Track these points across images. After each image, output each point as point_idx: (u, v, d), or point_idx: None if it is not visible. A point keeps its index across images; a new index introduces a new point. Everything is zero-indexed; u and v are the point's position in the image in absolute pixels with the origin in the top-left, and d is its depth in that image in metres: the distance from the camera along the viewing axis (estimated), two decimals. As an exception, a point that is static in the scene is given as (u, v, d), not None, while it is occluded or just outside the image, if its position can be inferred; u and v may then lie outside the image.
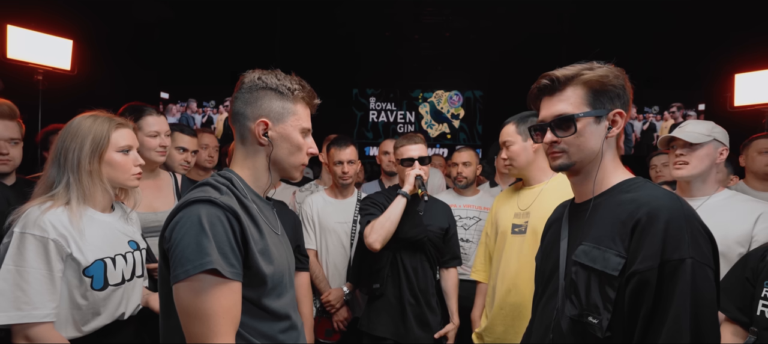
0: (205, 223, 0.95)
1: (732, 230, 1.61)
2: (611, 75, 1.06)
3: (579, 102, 1.06)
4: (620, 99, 1.06)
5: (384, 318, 2.09)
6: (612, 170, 1.08)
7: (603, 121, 1.06)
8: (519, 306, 1.79)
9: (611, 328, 0.95)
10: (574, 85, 1.07)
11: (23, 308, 1.20)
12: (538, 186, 1.88)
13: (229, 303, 0.96)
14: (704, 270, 0.90)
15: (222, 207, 0.97)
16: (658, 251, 0.90)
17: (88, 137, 1.33)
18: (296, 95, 1.13)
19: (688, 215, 0.93)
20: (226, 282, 0.95)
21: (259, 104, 1.10)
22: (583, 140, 1.05)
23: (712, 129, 1.71)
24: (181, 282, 0.94)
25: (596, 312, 0.96)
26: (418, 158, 2.10)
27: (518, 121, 1.91)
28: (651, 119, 6.53)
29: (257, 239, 1.04)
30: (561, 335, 1.06)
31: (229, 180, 1.08)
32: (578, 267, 1.02)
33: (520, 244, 1.84)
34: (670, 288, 0.89)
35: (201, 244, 0.93)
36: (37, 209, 1.26)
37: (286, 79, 1.13)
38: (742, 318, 1.39)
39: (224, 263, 0.94)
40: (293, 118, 1.12)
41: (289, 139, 1.12)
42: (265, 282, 1.04)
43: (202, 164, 2.53)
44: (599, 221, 1.02)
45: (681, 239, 0.90)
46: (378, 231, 1.97)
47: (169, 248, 0.98)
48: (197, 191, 1.02)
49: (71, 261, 1.27)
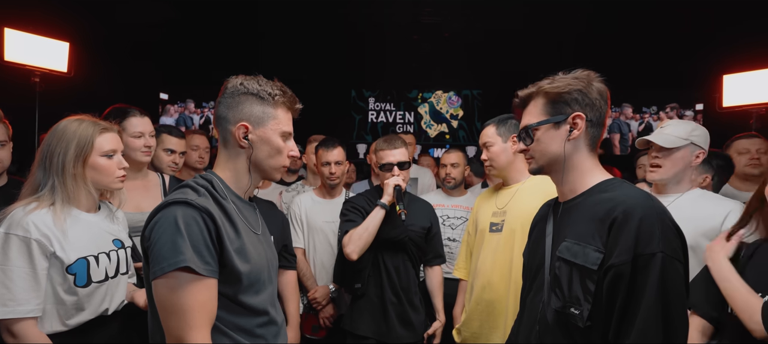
0: (180, 223, 1.00)
1: (701, 225, 1.66)
2: (571, 81, 1.13)
3: (538, 113, 1.17)
4: (580, 102, 1.12)
5: (366, 317, 2.12)
6: (588, 170, 1.14)
7: (563, 125, 1.13)
8: (493, 302, 1.84)
9: (591, 318, 1.02)
10: (536, 98, 1.18)
11: (8, 304, 1.26)
12: (515, 186, 1.93)
13: (204, 299, 1.01)
14: (674, 263, 0.97)
15: (197, 208, 1.02)
16: (631, 246, 0.97)
17: (72, 142, 1.39)
18: (277, 99, 1.17)
19: (660, 212, 1.00)
20: (201, 279, 1.00)
21: (240, 108, 1.15)
22: (543, 145, 1.16)
23: (690, 132, 1.73)
24: (158, 278, 1.00)
25: (577, 304, 1.03)
26: (397, 164, 2.09)
27: (498, 123, 1.95)
28: (647, 119, 6.54)
29: (233, 239, 1.08)
30: (547, 326, 1.12)
31: (210, 182, 1.13)
32: (561, 262, 1.09)
33: (496, 242, 1.88)
34: (643, 280, 0.96)
35: (176, 243, 0.99)
36: (21, 211, 1.32)
37: (268, 84, 1.18)
38: (712, 313, 1.42)
39: (198, 261, 0.99)
40: (273, 122, 1.16)
41: (268, 142, 1.16)
42: (240, 280, 1.09)
43: (193, 165, 2.58)
44: (580, 219, 1.09)
45: (653, 235, 0.96)
46: (355, 242, 1.99)
47: (148, 247, 1.04)
48: (176, 193, 1.07)
49: (55, 260, 1.32)
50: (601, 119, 1.14)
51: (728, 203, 1.70)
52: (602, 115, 1.13)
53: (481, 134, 1.99)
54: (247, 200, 1.24)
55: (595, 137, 1.14)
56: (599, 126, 1.14)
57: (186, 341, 1.00)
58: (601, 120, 1.14)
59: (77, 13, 4.15)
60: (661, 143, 1.72)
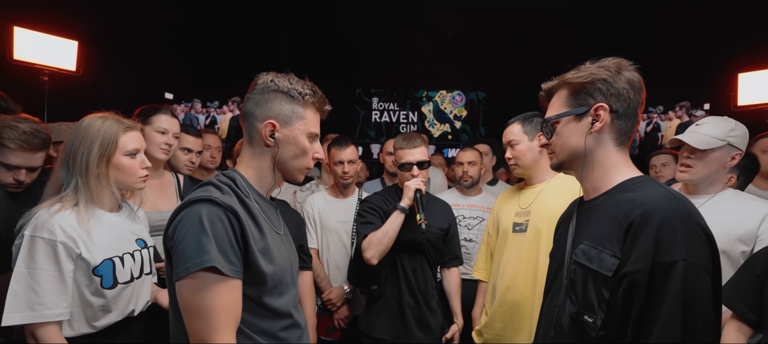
0: (205, 222, 0.97)
1: (736, 228, 1.59)
2: (595, 70, 1.06)
3: (560, 105, 1.11)
4: (604, 93, 1.04)
5: (383, 320, 2.08)
6: (613, 166, 1.06)
7: (585, 118, 1.07)
8: (517, 303, 1.80)
9: (605, 327, 0.95)
10: (559, 89, 1.12)
11: (36, 308, 1.24)
12: (540, 185, 1.89)
13: (230, 301, 0.98)
14: (698, 272, 0.88)
15: (222, 206, 0.99)
16: (649, 253, 0.89)
17: (96, 141, 1.36)
18: (306, 99, 1.14)
19: (685, 216, 0.91)
20: (226, 280, 0.97)
21: (269, 105, 1.12)
22: (563, 139, 1.10)
23: (728, 132, 1.64)
24: (182, 279, 0.97)
25: (591, 311, 0.97)
26: (417, 163, 2.05)
27: (523, 120, 1.90)
28: (656, 119, 6.49)
29: (258, 239, 1.06)
30: (562, 332, 1.06)
31: (233, 180, 1.10)
32: (577, 265, 1.03)
33: (520, 243, 1.84)
34: (662, 291, 0.87)
35: (201, 242, 0.95)
36: (45, 212, 1.29)
37: (298, 83, 1.15)
38: (750, 316, 1.38)
39: (224, 261, 0.96)
40: (301, 122, 1.14)
41: (295, 142, 1.14)
42: (265, 281, 1.06)
43: (205, 165, 2.55)
44: (599, 221, 1.02)
45: (674, 242, 0.88)
46: (375, 247, 1.95)
47: (171, 246, 1.00)
48: (199, 191, 1.04)
49: (81, 261, 1.30)
50: (631, 111, 1.05)
51: (764, 204, 1.64)
52: (632, 106, 1.04)
53: (505, 131, 1.94)
54: (269, 200, 1.21)
55: (624, 131, 1.06)
56: (629, 118, 1.05)
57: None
58: (632, 112, 1.05)
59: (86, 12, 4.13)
60: (693, 144, 1.64)
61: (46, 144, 1.66)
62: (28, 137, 1.58)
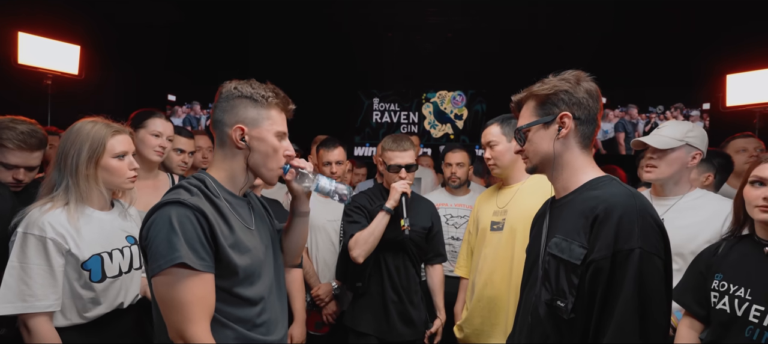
0: (175, 222, 1.04)
1: (703, 231, 1.66)
2: (557, 82, 1.17)
3: (529, 115, 1.22)
4: (567, 102, 1.16)
5: (367, 315, 2.15)
6: (580, 168, 1.18)
7: (551, 125, 1.17)
8: (494, 298, 1.87)
9: (575, 310, 1.06)
10: (528, 101, 1.24)
11: (27, 300, 1.33)
12: (516, 185, 1.96)
13: (201, 293, 1.06)
14: (652, 258, 1.00)
15: (190, 207, 1.07)
16: (611, 242, 1.01)
17: (86, 143, 1.44)
18: (270, 101, 1.22)
19: (641, 210, 1.03)
20: (197, 274, 1.05)
21: (236, 111, 1.19)
22: (535, 145, 1.21)
23: (685, 133, 1.74)
24: (156, 276, 1.05)
25: (563, 297, 1.08)
26: (405, 166, 2.10)
27: (501, 122, 1.97)
28: (654, 119, 6.50)
29: (227, 235, 1.13)
30: (538, 319, 1.16)
31: (203, 182, 1.17)
32: (550, 257, 1.14)
33: (497, 240, 1.91)
34: (621, 275, 1.00)
35: (171, 241, 1.03)
36: (37, 211, 1.38)
37: (260, 87, 1.22)
38: (699, 311, 1.45)
39: (194, 256, 1.04)
40: (268, 122, 1.21)
41: (264, 142, 1.21)
42: (236, 273, 1.14)
43: (198, 165, 2.63)
44: (569, 216, 1.14)
45: (631, 232, 1.00)
46: (362, 246, 2.02)
47: (145, 246, 1.09)
48: (169, 194, 1.12)
49: (70, 257, 1.39)
50: (591, 117, 1.16)
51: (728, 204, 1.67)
52: (592, 113, 1.16)
53: (483, 132, 2.00)
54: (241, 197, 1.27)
55: (587, 135, 1.17)
56: (590, 124, 1.17)
57: (186, 334, 1.05)
58: (591, 118, 1.17)
59: (88, 17, 4.23)
60: (654, 145, 1.74)
61: (43, 144, 1.76)
62: (26, 136, 1.67)
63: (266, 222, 1.36)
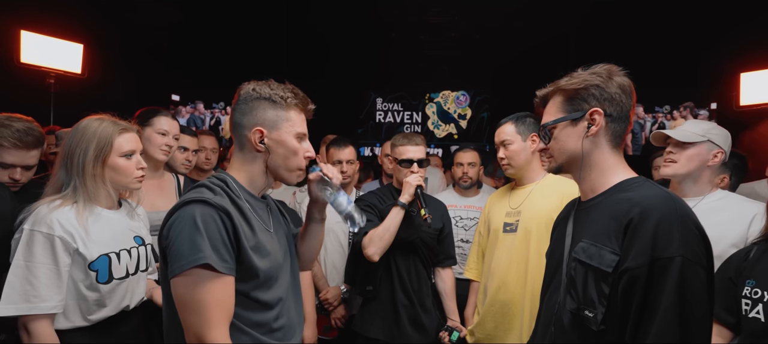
0: (199, 222, 1.01)
1: (727, 233, 1.60)
2: (588, 76, 1.10)
3: (556, 111, 1.15)
4: (598, 98, 1.09)
5: (377, 320, 2.09)
6: (610, 168, 1.10)
7: (580, 122, 1.10)
8: (508, 303, 1.82)
9: (605, 322, 0.98)
10: (554, 96, 1.17)
11: (31, 300, 1.27)
12: (530, 186, 1.90)
13: (223, 296, 1.03)
14: (694, 268, 0.92)
15: (215, 207, 1.04)
16: (648, 249, 0.93)
17: (92, 142, 1.39)
18: (289, 102, 1.19)
19: (681, 214, 0.95)
20: (219, 276, 1.02)
21: (255, 113, 1.17)
22: (561, 143, 1.14)
23: (708, 130, 1.69)
24: (177, 276, 1.01)
25: (592, 306, 1.01)
26: (417, 160, 2.06)
27: (516, 120, 1.92)
28: (661, 119, 6.43)
29: (249, 236, 1.10)
30: (562, 328, 1.09)
31: (224, 182, 1.15)
32: (577, 263, 1.06)
33: (511, 242, 1.86)
34: (660, 285, 0.91)
35: (195, 241, 1.00)
36: (45, 208, 1.33)
37: (279, 88, 1.20)
38: (728, 319, 1.39)
39: (217, 258, 1.01)
40: (287, 124, 1.18)
41: (284, 144, 1.18)
42: (257, 276, 1.11)
43: (201, 166, 2.59)
44: (598, 219, 1.06)
45: (671, 238, 0.92)
46: (377, 243, 1.95)
47: (166, 245, 1.05)
48: (193, 192, 1.09)
49: (77, 256, 1.34)
50: (624, 114, 1.09)
51: (752, 205, 1.64)
52: (624, 109, 1.09)
53: (497, 131, 1.95)
54: (260, 198, 1.26)
55: (618, 133, 1.10)
56: (622, 121, 1.10)
57: (205, 338, 1.01)
58: (624, 115, 1.09)
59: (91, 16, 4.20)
60: (677, 137, 1.68)
61: (40, 142, 1.70)
62: (22, 135, 1.62)
63: (283, 225, 1.34)
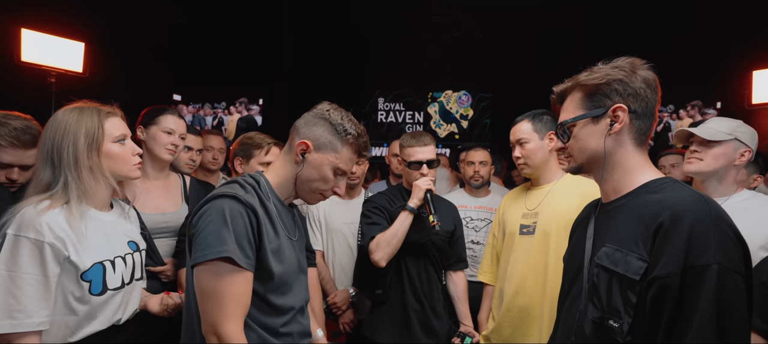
0: (227, 215, 1.07)
1: (755, 235, 1.51)
2: (610, 71, 1.04)
3: (575, 108, 1.09)
4: (621, 93, 1.02)
5: (387, 325, 2.03)
6: (634, 167, 1.04)
7: (602, 119, 1.04)
8: (527, 308, 1.76)
9: (632, 333, 0.92)
10: (573, 92, 1.11)
11: (16, 316, 1.11)
12: (547, 186, 1.84)
13: (241, 290, 1.08)
14: (732, 276, 0.85)
15: (244, 204, 1.09)
16: (681, 257, 0.86)
17: (80, 131, 1.23)
18: (348, 138, 1.22)
19: (716, 218, 0.89)
20: (240, 271, 1.07)
21: (314, 128, 1.22)
22: (581, 142, 1.08)
23: (735, 128, 1.62)
24: (200, 264, 1.06)
25: (617, 316, 0.94)
26: (426, 162, 1.99)
27: (532, 118, 1.85)
28: (666, 119, 6.38)
29: (272, 238, 1.15)
30: (583, 337, 1.03)
31: (257, 182, 1.20)
32: (600, 269, 1.00)
33: (528, 245, 1.80)
34: (694, 295, 0.84)
35: (221, 234, 1.05)
36: (32, 210, 1.16)
37: (348, 121, 1.24)
38: (761, 326, 1.32)
39: (240, 253, 1.06)
40: (333, 154, 1.22)
41: (319, 168, 1.21)
42: (272, 279, 1.15)
43: (207, 166, 2.54)
44: (623, 223, 0.99)
45: (707, 244, 0.85)
46: (384, 249, 1.89)
47: (193, 234, 1.10)
48: (225, 187, 1.15)
49: (68, 265, 1.18)
50: (649, 110, 1.03)
51: None
52: (650, 105, 1.02)
53: (513, 129, 1.88)
54: (288, 206, 1.28)
55: (643, 131, 1.03)
56: (647, 118, 1.03)
57: (221, 329, 1.06)
58: (649, 111, 1.03)
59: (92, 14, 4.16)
60: (702, 135, 1.62)
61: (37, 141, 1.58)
62: (19, 133, 1.54)
63: (304, 238, 1.36)
